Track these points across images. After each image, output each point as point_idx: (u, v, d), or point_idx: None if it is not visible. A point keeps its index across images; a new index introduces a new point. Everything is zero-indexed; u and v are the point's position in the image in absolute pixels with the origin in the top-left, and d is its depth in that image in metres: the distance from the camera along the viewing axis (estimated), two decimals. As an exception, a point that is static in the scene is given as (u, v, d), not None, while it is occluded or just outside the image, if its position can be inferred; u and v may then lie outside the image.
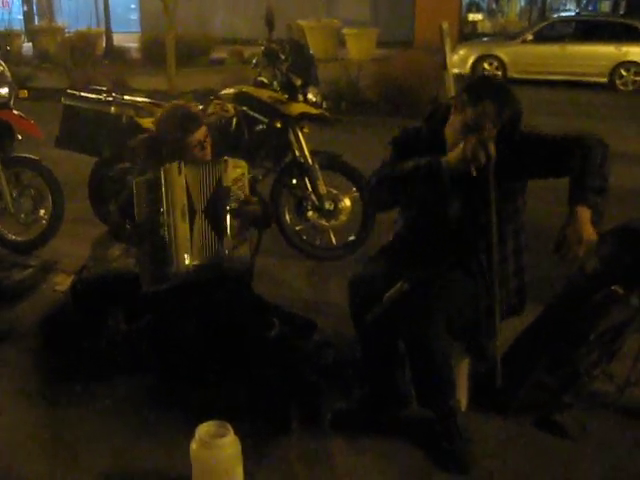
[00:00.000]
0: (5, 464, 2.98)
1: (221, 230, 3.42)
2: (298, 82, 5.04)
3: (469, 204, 2.96)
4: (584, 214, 2.69)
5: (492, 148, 2.73)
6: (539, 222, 3.08)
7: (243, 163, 3.59)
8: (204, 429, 2.70)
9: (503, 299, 3.02)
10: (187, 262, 3.36)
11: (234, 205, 3.44)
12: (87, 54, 15.82)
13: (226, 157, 3.53)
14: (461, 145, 2.77)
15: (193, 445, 2.69)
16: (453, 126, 2.96)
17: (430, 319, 2.86)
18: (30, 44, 20.83)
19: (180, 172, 3.40)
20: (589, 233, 2.68)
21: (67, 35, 19.23)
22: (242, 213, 3.47)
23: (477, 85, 3.02)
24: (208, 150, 3.57)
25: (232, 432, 2.69)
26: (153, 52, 16.89)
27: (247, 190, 3.53)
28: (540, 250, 3.14)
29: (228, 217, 3.43)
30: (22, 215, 5.30)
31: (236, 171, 3.50)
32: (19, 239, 5.43)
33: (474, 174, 2.75)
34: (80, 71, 13.22)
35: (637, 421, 3.21)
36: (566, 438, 3.09)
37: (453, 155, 2.80)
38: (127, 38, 20.47)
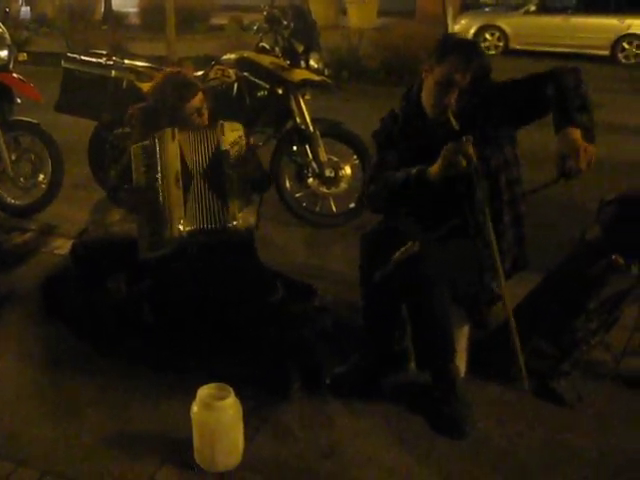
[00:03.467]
0: (6, 428, 2.99)
1: (224, 195, 3.41)
2: (300, 48, 5.01)
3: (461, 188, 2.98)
4: (574, 133, 2.68)
5: (470, 150, 2.76)
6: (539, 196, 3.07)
7: (239, 125, 3.58)
8: (205, 391, 2.71)
9: (504, 250, 3.04)
10: (181, 228, 3.35)
11: (234, 168, 3.43)
12: (85, 19, 15.68)
13: (221, 121, 3.53)
14: (440, 158, 2.82)
15: (194, 407, 2.71)
16: (427, 91, 3.03)
17: (436, 283, 2.87)
18: (28, 8, 20.62)
19: (174, 138, 3.39)
20: (585, 145, 2.66)
21: (65, -1, 19.04)
22: (241, 175, 3.46)
23: (440, 44, 3.06)
24: (205, 116, 3.57)
25: (233, 394, 2.70)
26: (152, 17, 16.74)
27: (244, 152, 3.51)
28: (541, 218, 3.15)
29: (230, 181, 3.42)
30: (21, 179, 5.28)
31: (233, 134, 3.49)
32: (18, 203, 5.42)
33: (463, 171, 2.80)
34: (78, 36, 13.11)
35: (632, 391, 3.23)
36: (563, 405, 3.12)
37: (435, 168, 2.84)
38: (126, 3, 20.27)
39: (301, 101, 5.03)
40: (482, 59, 2.99)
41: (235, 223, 3.38)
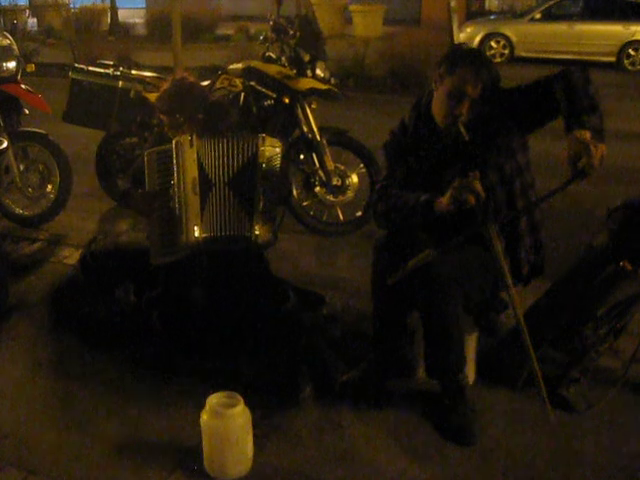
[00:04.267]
0: (16, 436, 3.00)
1: (249, 206, 3.43)
2: (306, 57, 5.03)
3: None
4: (583, 134, 2.64)
5: (478, 186, 2.72)
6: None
7: (279, 143, 3.61)
8: (214, 399, 2.72)
9: (522, 257, 3.05)
10: (197, 234, 3.38)
11: (265, 182, 3.45)
12: (92, 30, 15.78)
13: (263, 134, 3.56)
14: (448, 194, 2.78)
15: (203, 415, 2.71)
16: (437, 102, 3.03)
17: (450, 291, 2.88)
18: (35, 20, 20.75)
19: (192, 145, 3.41)
20: (596, 144, 2.61)
21: (72, 11, 19.12)
22: (273, 191, 3.48)
23: (450, 55, 3.07)
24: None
25: (242, 402, 2.71)
26: (158, 28, 16.83)
27: (278, 170, 3.54)
28: (551, 225, 3.16)
29: (259, 194, 3.44)
30: (29, 189, 5.31)
31: (271, 150, 3.52)
32: (26, 213, 5.45)
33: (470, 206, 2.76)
34: (85, 47, 13.18)
35: (642, 397, 3.23)
36: (572, 412, 3.11)
37: (443, 202, 2.82)
38: (132, 14, 20.40)
39: (307, 110, 5.05)
40: (491, 69, 2.98)
41: (257, 233, 3.41)
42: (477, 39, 15.42)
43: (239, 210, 3.46)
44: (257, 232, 3.42)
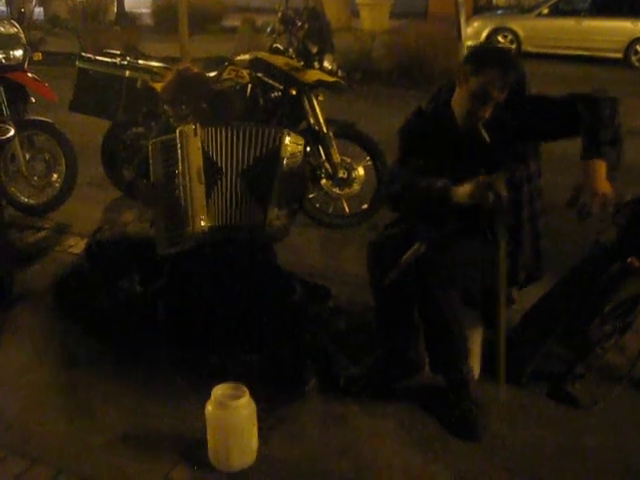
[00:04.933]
0: (21, 425, 3.00)
1: (264, 196, 3.43)
2: (314, 49, 5.01)
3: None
4: (599, 167, 2.63)
5: (502, 189, 2.70)
6: (557, 194, 3.06)
7: (302, 140, 3.61)
8: (220, 390, 2.72)
9: (520, 265, 3.02)
10: (202, 223, 3.37)
11: (285, 178, 3.45)
12: (98, 19, 15.73)
13: (287, 130, 3.55)
14: (469, 185, 2.76)
15: (209, 406, 2.71)
16: (459, 99, 2.97)
17: (444, 286, 2.87)
18: (41, 9, 20.68)
19: (196, 134, 3.41)
20: (604, 186, 2.61)
21: (78, 0, 19.08)
22: (290, 188, 3.48)
23: (478, 53, 3.01)
24: None
25: (247, 394, 2.71)
26: (165, 18, 16.80)
27: (298, 167, 3.54)
28: (557, 221, 3.15)
29: (277, 188, 3.44)
30: (35, 178, 5.30)
31: (295, 147, 3.52)
32: (32, 202, 5.44)
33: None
34: (91, 36, 13.15)
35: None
36: (577, 408, 3.10)
37: (462, 193, 2.79)
38: (139, 4, 20.33)
39: (314, 102, 5.03)
40: (519, 72, 2.92)
41: (270, 224, 3.41)
42: (484, 34, 15.34)
43: (251, 200, 3.45)
44: (270, 223, 3.41)
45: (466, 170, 2.83)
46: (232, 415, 2.68)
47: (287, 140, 3.48)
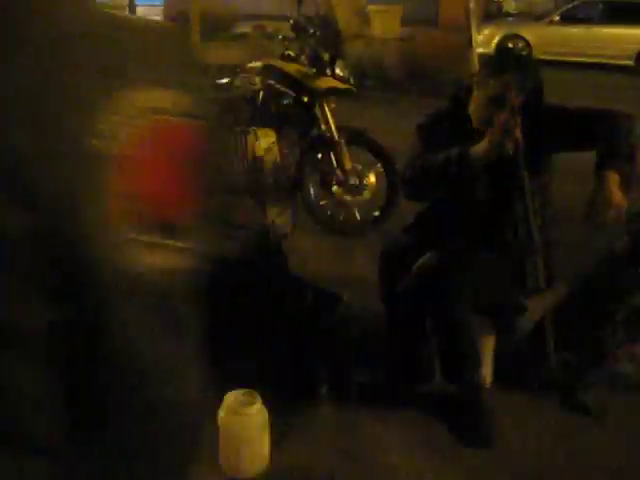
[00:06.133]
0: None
1: (261, 200, 3.43)
2: (326, 56, 5.03)
3: (498, 186, 2.96)
4: (613, 179, 2.66)
5: (517, 133, 2.74)
6: (568, 203, 3.07)
7: (271, 132, 3.62)
8: (232, 397, 2.72)
9: (531, 273, 3.02)
10: None
11: (268, 174, 3.45)
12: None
13: (253, 127, 3.56)
14: (484, 140, 2.78)
15: (221, 413, 2.71)
16: (477, 102, 2.97)
17: (457, 293, 2.87)
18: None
19: None
20: (618, 197, 2.64)
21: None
22: (276, 180, 3.49)
23: (497, 57, 3.03)
24: None
25: (260, 401, 2.71)
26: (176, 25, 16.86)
27: (277, 158, 3.54)
28: (569, 229, 3.14)
29: (266, 186, 3.44)
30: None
31: (266, 140, 3.53)
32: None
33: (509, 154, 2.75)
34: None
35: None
36: (588, 416, 3.10)
37: (480, 146, 2.81)
38: (150, 11, 20.43)
39: (326, 109, 5.04)
40: (537, 79, 2.96)
41: (273, 228, 3.41)
42: (495, 41, 15.36)
43: (250, 205, 3.45)
44: (273, 221, 3.42)
45: (481, 182, 2.84)
46: (244, 422, 2.69)
47: (257, 139, 3.49)
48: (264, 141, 3.50)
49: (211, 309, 2.77)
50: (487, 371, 3.19)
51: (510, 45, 15.26)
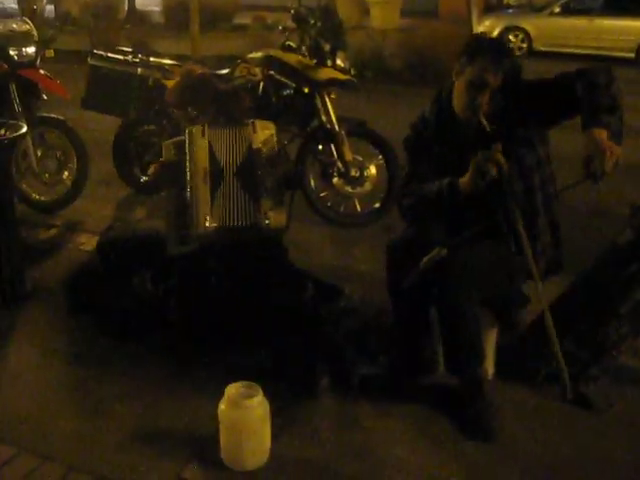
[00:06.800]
0: (32, 423, 3.00)
1: (255, 193, 3.41)
2: (327, 47, 5.00)
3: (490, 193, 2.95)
4: (600, 134, 2.65)
5: (500, 157, 2.76)
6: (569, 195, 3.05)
7: (270, 124, 3.59)
8: (233, 389, 2.71)
9: (539, 253, 3.01)
10: (207, 224, 3.36)
11: (265, 167, 3.43)
12: (109, 17, 15.73)
13: (252, 119, 3.54)
14: (469, 170, 2.81)
15: (222, 405, 2.70)
16: (458, 92, 3.01)
17: (464, 286, 2.86)
18: (52, 6, 20.73)
19: (204, 134, 3.41)
20: (611, 146, 2.62)
21: (89, -2, 19.12)
22: (273, 174, 3.46)
23: (471, 44, 3.03)
24: None
25: (261, 393, 2.70)
26: (176, 16, 16.77)
27: (275, 151, 3.52)
28: (571, 222, 3.12)
29: (261, 180, 3.42)
30: (46, 175, 5.29)
31: (264, 133, 3.50)
32: (43, 199, 5.43)
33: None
34: (102, 34, 13.17)
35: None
36: (592, 410, 3.08)
37: (466, 180, 2.84)
38: (149, 1, 20.32)
39: (327, 100, 5.01)
40: (513, 59, 2.98)
41: (267, 222, 3.38)
42: (495, 32, 15.24)
43: (246, 199, 3.43)
44: (268, 218, 3.39)
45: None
46: (246, 414, 2.67)
47: (255, 131, 3.47)
48: (262, 133, 3.47)
49: (212, 302, 2.78)
50: (489, 364, 3.18)
51: (510, 37, 15.20)
